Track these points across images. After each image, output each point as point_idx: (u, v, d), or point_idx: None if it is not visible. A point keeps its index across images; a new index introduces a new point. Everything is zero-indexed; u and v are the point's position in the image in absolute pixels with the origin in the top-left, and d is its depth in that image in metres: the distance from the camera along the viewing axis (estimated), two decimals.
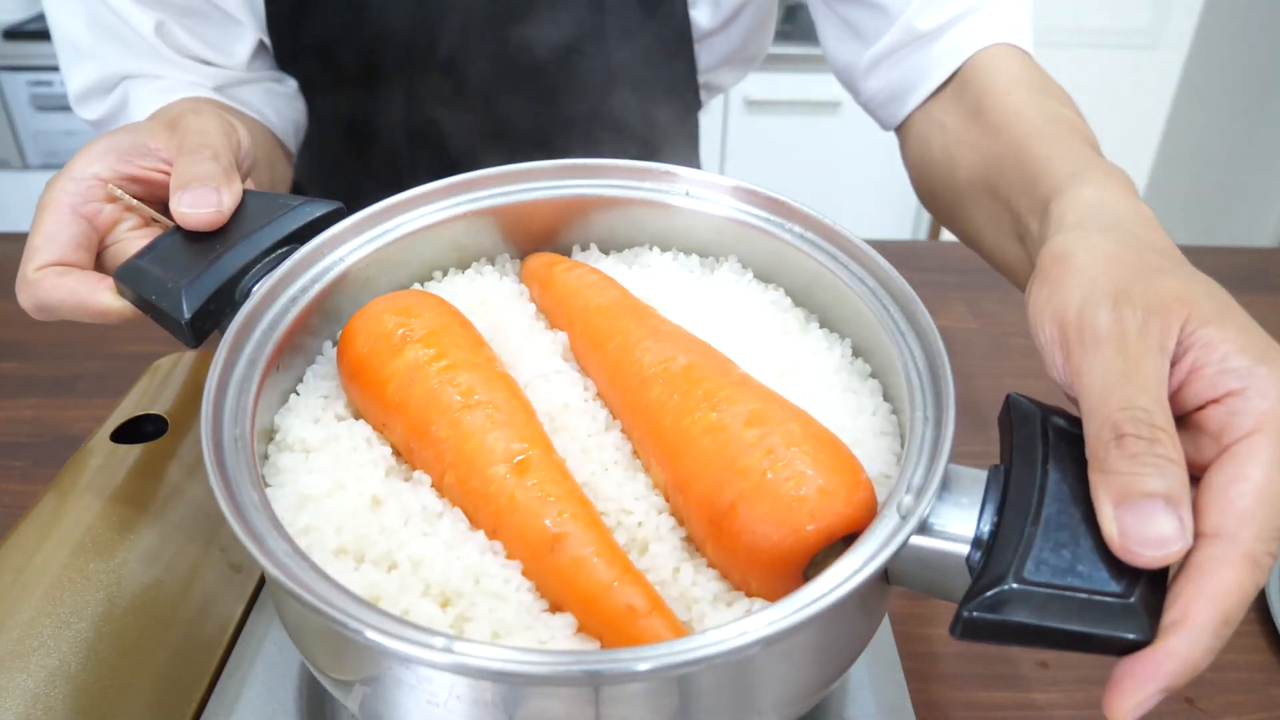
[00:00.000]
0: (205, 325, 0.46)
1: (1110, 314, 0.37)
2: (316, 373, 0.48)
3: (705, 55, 0.88)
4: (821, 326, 0.51)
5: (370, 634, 0.32)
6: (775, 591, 0.38)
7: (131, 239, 0.52)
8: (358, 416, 0.46)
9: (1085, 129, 0.58)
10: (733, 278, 0.53)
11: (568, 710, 0.34)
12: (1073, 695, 0.55)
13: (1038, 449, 0.37)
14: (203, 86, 0.78)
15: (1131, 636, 0.32)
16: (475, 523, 0.41)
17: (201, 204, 0.48)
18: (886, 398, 0.47)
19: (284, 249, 0.49)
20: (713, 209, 0.53)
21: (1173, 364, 0.36)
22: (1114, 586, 0.33)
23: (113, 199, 0.51)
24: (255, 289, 0.47)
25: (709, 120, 2.19)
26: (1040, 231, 0.46)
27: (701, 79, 0.90)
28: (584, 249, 0.57)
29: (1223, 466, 0.34)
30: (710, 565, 0.40)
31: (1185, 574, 0.33)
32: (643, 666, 0.31)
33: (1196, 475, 0.35)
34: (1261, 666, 0.57)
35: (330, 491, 0.41)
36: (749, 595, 0.39)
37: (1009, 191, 0.57)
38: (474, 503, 0.40)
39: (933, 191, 0.71)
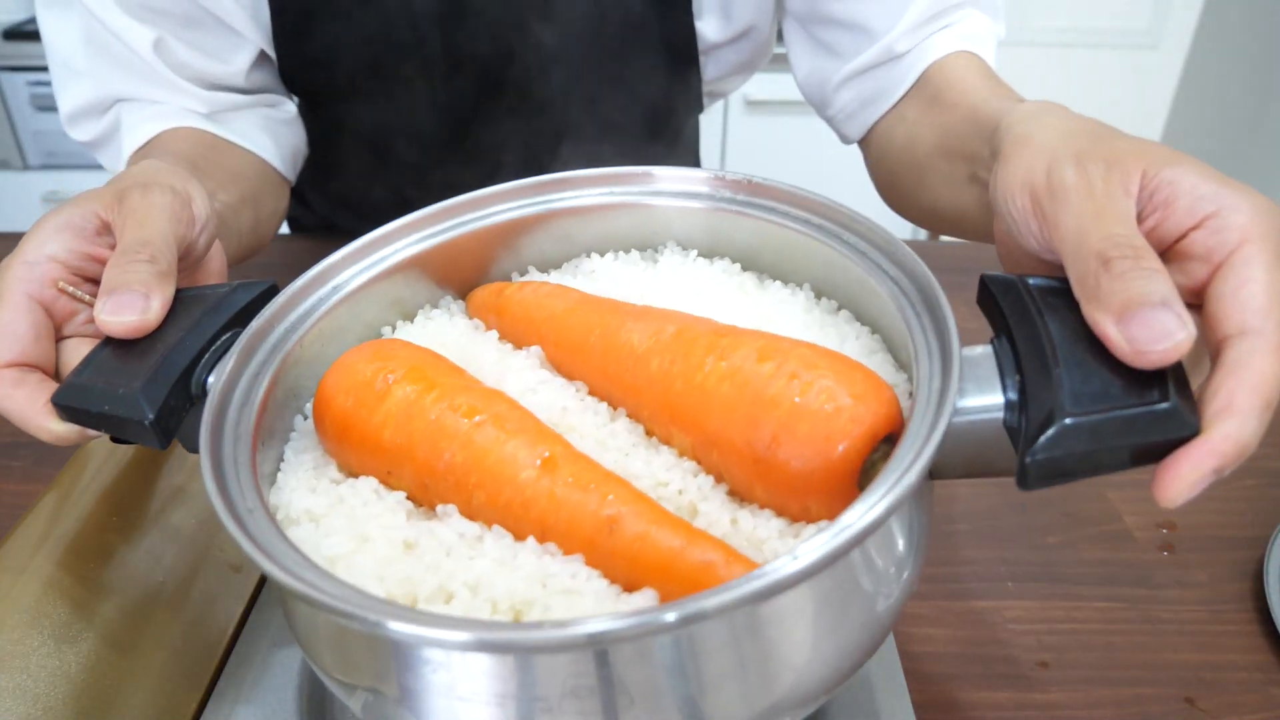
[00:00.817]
0: (170, 423, 0.43)
1: (1075, 169, 0.40)
2: (295, 448, 0.46)
3: (713, 67, 0.88)
4: (774, 279, 0.52)
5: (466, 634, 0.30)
6: (836, 509, 0.38)
7: (86, 332, 0.49)
8: (353, 476, 0.44)
9: None
10: (677, 260, 0.54)
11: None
12: (1073, 695, 0.54)
13: (1029, 306, 0.39)
14: (197, 114, 0.75)
15: (1186, 433, 0.34)
16: (519, 534, 0.39)
17: (124, 311, 0.45)
18: (863, 323, 0.48)
19: (227, 335, 0.46)
20: (638, 200, 0.54)
21: (1142, 208, 0.39)
22: (1151, 396, 0.35)
23: (64, 292, 0.48)
24: (210, 380, 0.44)
25: (709, 120, 2.10)
26: (992, 147, 0.49)
27: (707, 88, 0.91)
28: (522, 274, 0.56)
29: (1225, 277, 0.36)
30: (763, 507, 0.40)
31: (1222, 370, 0.34)
32: (718, 602, 0.30)
33: (1191, 302, 0.37)
34: (1261, 666, 0.56)
35: (357, 548, 0.39)
36: (811, 521, 0.38)
37: (965, 146, 0.61)
38: (513, 514, 0.39)
39: (895, 176, 0.74)
